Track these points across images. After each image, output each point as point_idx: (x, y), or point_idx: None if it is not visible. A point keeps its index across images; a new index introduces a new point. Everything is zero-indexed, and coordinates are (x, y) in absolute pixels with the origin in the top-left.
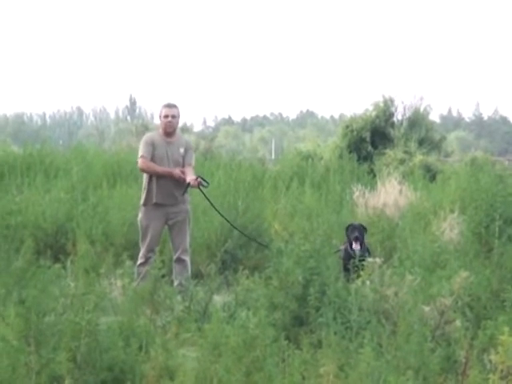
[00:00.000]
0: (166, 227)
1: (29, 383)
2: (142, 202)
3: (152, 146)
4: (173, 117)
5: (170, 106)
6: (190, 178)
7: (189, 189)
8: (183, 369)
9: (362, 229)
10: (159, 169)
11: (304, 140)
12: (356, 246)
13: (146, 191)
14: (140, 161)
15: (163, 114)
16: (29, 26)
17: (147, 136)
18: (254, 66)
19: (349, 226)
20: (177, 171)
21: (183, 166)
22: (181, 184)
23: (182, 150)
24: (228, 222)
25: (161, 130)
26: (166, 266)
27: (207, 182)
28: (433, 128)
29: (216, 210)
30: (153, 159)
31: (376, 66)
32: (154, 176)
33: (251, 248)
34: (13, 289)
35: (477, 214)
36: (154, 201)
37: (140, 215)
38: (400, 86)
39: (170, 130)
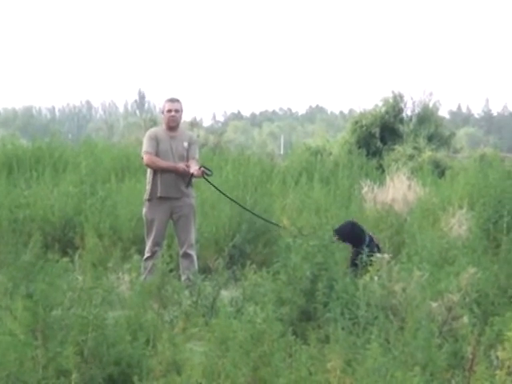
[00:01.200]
0: (171, 222)
1: (36, 377)
2: (146, 196)
3: (156, 140)
4: (176, 111)
5: (172, 100)
6: (194, 169)
7: (194, 182)
8: (190, 363)
9: (351, 227)
10: (164, 164)
11: (313, 135)
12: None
13: (150, 185)
14: (145, 157)
15: (166, 109)
16: (38, 20)
17: (151, 131)
18: (264, 60)
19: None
20: (181, 166)
21: (187, 160)
22: (185, 177)
23: (185, 144)
24: (239, 204)
25: (164, 125)
26: (173, 261)
27: (210, 171)
28: (442, 124)
29: (225, 195)
30: (157, 154)
31: (385, 61)
32: (158, 170)
33: (259, 243)
34: (20, 282)
35: (485, 210)
36: (159, 195)
37: (145, 209)
38: (409, 81)
39: (173, 125)
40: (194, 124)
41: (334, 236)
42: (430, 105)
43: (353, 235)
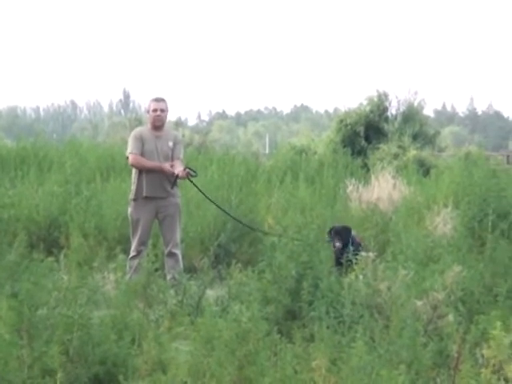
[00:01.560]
0: (157, 221)
1: (21, 376)
2: (132, 196)
3: (141, 140)
4: (161, 111)
5: (158, 100)
6: (178, 169)
7: (178, 182)
8: (176, 362)
9: (343, 231)
10: (149, 164)
11: (298, 134)
12: (337, 245)
13: (135, 185)
14: (130, 157)
15: (152, 108)
16: (23, 20)
17: (136, 131)
18: (249, 60)
19: (331, 229)
20: (166, 166)
21: (172, 160)
22: (170, 177)
23: (170, 144)
24: (221, 208)
25: (149, 125)
26: (159, 260)
27: (195, 172)
28: (427, 123)
29: (208, 198)
30: (142, 154)
31: (370, 60)
32: (143, 170)
33: (244, 242)
34: (5, 282)
35: (470, 209)
36: (144, 194)
37: (130, 209)
38: (394, 80)
39: (158, 124)
40: (179, 123)
41: (328, 235)
42: (415, 103)
43: (345, 239)
